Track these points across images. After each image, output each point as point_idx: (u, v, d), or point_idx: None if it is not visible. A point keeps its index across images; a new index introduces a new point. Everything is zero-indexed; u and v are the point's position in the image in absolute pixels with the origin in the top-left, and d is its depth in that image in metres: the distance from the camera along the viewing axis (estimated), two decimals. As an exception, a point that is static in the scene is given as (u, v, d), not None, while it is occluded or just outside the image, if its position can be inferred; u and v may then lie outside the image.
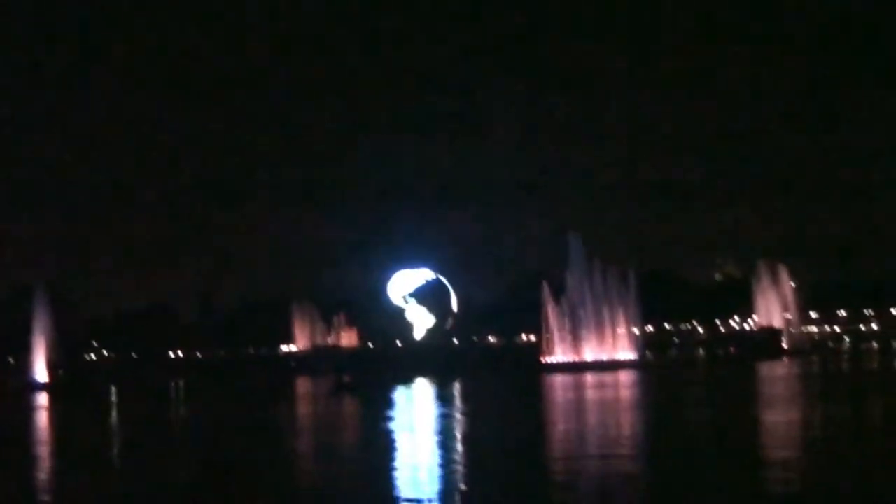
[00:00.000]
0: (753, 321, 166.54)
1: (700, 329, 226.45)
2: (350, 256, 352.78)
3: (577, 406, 58.44)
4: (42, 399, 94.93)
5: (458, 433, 43.95)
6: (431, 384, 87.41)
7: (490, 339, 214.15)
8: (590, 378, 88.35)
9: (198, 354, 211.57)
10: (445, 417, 52.71)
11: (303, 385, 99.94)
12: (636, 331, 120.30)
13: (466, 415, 54.59)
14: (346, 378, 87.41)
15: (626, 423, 45.81)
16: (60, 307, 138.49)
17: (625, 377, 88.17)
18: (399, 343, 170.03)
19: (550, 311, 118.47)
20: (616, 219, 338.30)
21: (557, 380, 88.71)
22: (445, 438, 41.49)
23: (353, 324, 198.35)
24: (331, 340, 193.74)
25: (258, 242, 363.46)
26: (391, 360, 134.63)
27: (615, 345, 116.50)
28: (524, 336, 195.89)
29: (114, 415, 71.14)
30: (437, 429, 45.94)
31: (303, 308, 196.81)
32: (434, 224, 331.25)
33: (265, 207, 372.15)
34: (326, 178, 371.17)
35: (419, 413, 56.78)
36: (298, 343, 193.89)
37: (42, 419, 68.85)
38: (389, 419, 52.46)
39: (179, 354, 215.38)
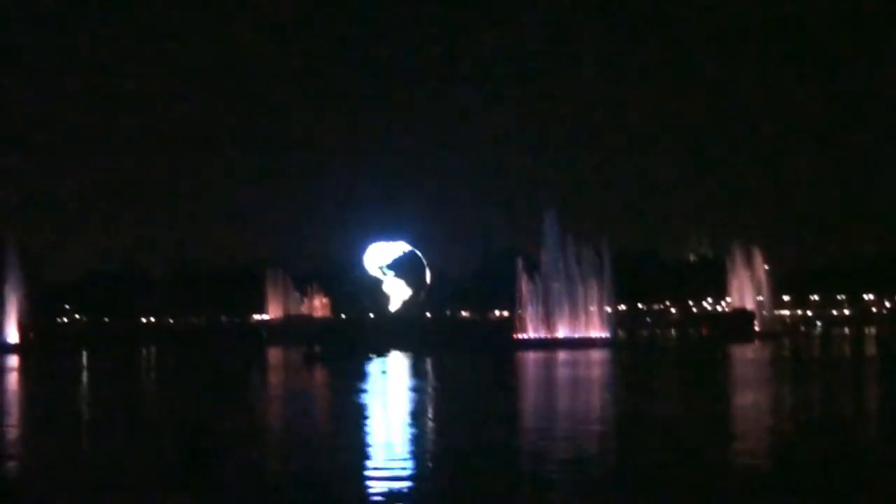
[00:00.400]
0: (726, 303, 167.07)
1: (673, 309, 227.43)
2: (324, 226, 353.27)
3: (548, 383, 58.43)
4: (12, 361, 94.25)
5: (429, 407, 43.82)
6: (404, 357, 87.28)
7: (463, 314, 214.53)
8: (562, 355, 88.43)
9: (170, 320, 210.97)
10: (416, 391, 52.57)
11: (274, 354, 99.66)
12: (609, 309, 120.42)
13: (438, 389, 54.48)
14: (318, 348, 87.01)
15: (594, 401, 45.77)
16: (29, 267, 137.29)
17: (597, 355, 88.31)
18: (372, 315, 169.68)
19: (524, 287, 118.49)
20: (592, 196, 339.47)
21: (530, 356, 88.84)
22: (415, 411, 41.37)
23: (327, 294, 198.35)
24: (304, 310, 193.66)
25: (232, 207, 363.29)
26: (364, 332, 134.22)
27: (588, 323, 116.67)
28: (497, 312, 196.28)
29: (84, 379, 70.67)
30: (408, 401, 45.81)
31: (276, 276, 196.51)
32: (409, 196, 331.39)
33: (239, 169, 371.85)
34: (302, 146, 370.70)
35: (390, 386, 56.55)
36: (271, 312, 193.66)
37: (10, 381, 68.32)
38: (360, 391, 52.30)
39: (151, 319, 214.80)
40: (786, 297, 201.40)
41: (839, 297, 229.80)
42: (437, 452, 29.58)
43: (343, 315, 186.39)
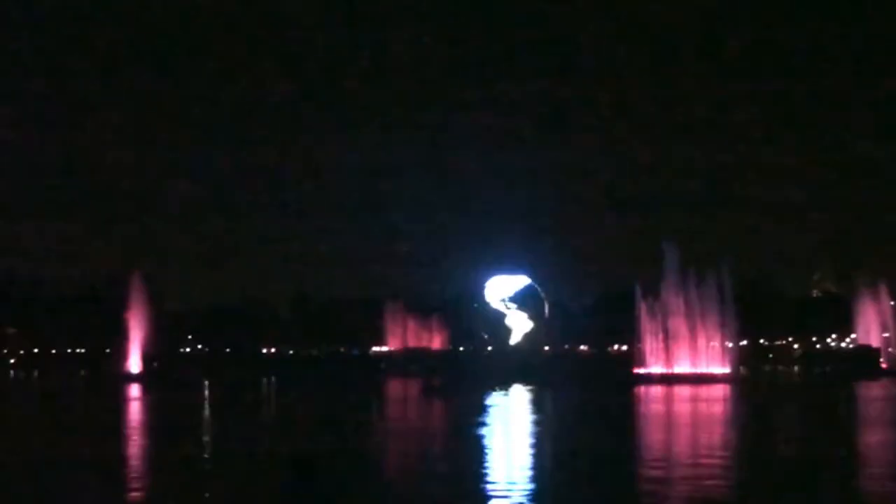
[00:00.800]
0: (851, 339, 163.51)
1: (795, 345, 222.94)
2: (443, 259, 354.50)
3: (668, 420, 57.63)
4: (134, 390, 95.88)
5: (549, 442, 43.51)
6: (522, 391, 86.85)
7: (581, 348, 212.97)
8: (682, 391, 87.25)
9: (290, 351, 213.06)
10: (535, 425, 52.28)
11: (393, 386, 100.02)
12: (730, 344, 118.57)
13: (557, 423, 54.13)
14: (436, 381, 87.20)
15: (716, 442, 44.75)
16: (153, 299, 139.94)
17: (718, 392, 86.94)
18: (490, 348, 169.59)
19: (643, 321, 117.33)
20: (710, 229, 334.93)
21: (649, 391, 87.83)
22: (535, 446, 41.08)
23: (445, 326, 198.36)
24: (422, 342, 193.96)
25: (351, 240, 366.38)
26: (481, 365, 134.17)
27: (708, 358, 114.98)
28: (615, 346, 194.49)
29: (206, 407, 71.72)
30: (526, 436, 45.48)
31: (395, 308, 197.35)
32: (527, 230, 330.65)
33: (360, 209, 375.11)
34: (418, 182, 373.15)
35: (508, 419, 56.32)
36: (390, 343, 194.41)
37: (134, 409, 69.61)
38: (479, 424, 52.12)
39: (272, 350, 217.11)
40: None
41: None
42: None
43: (461, 348, 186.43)
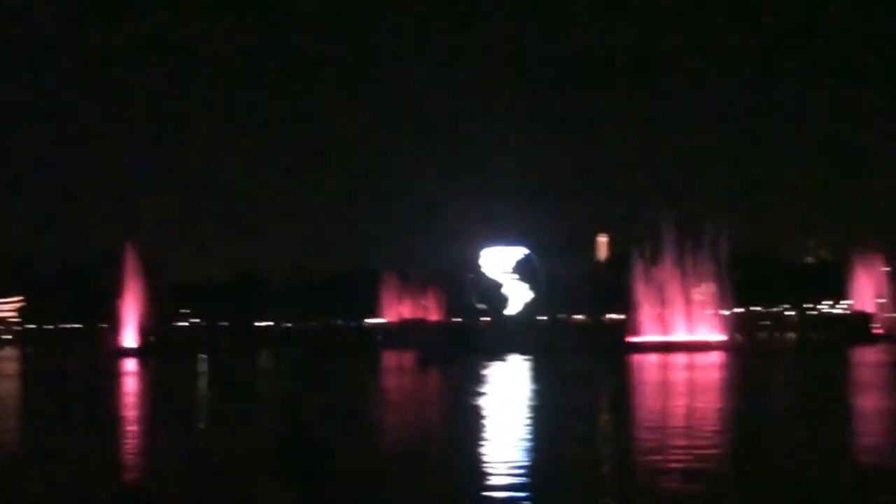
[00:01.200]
0: (845, 306, 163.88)
1: (790, 312, 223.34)
2: (437, 231, 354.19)
3: (665, 389, 57.71)
4: (131, 364, 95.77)
5: (546, 411, 43.60)
6: (517, 361, 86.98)
7: (576, 318, 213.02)
8: (678, 359, 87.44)
9: (286, 324, 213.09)
10: (532, 394, 52.40)
11: (389, 358, 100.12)
12: (726, 312, 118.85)
13: (554, 393, 54.29)
14: (433, 352, 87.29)
15: (711, 409, 44.79)
16: (150, 273, 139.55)
17: (713, 359, 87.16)
18: (485, 318, 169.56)
19: (639, 290, 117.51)
20: (708, 197, 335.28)
21: (645, 360, 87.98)
22: (531, 416, 41.13)
23: (441, 298, 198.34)
24: (419, 314, 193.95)
25: (347, 213, 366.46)
26: (479, 336, 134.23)
27: (704, 325, 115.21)
28: (610, 315, 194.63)
29: (202, 381, 71.82)
30: (522, 406, 45.52)
31: (390, 280, 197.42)
32: (522, 200, 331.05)
33: (353, 178, 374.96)
34: (417, 155, 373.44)
35: (503, 389, 56.41)
36: (386, 315, 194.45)
37: (130, 384, 69.65)
38: (475, 394, 52.19)
39: (268, 324, 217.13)
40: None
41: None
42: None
43: (457, 319, 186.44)
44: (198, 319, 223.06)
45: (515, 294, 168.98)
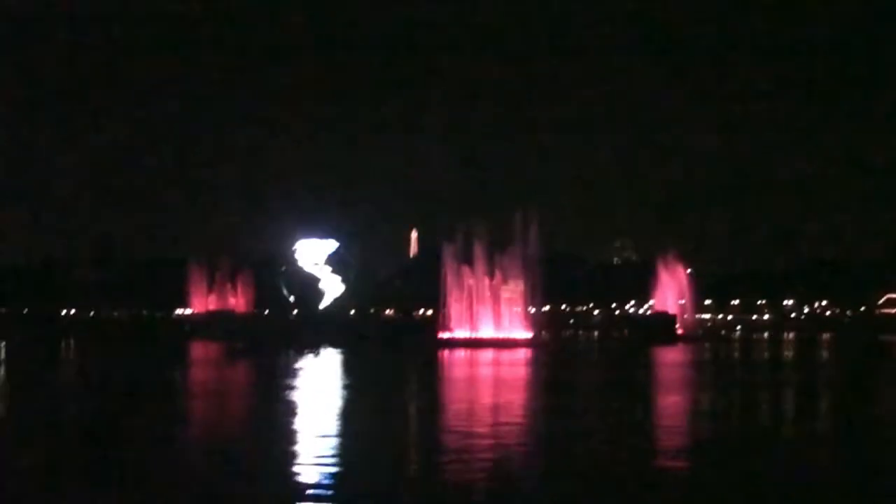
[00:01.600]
0: (649, 306, 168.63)
1: (596, 311, 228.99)
2: (246, 221, 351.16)
3: (470, 383, 58.43)
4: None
5: (346, 404, 43.65)
6: (326, 355, 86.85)
7: (387, 312, 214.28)
8: (485, 355, 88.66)
9: (90, 313, 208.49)
10: (339, 388, 52.43)
11: (197, 349, 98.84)
12: (533, 309, 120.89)
13: (358, 387, 54.43)
14: (240, 344, 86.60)
15: (507, 402, 45.73)
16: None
17: (519, 355, 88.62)
18: (296, 311, 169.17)
19: (448, 287, 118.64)
20: (518, 196, 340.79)
21: (452, 355, 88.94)
22: (333, 408, 41.13)
23: (250, 288, 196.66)
24: (227, 305, 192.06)
25: (157, 201, 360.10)
26: (287, 328, 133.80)
27: (511, 322, 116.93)
28: (421, 311, 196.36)
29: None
30: (325, 398, 45.47)
31: (199, 271, 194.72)
32: (333, 194, 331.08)
33: (164, 163, 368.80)
34: (228, 140, 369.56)
35: (309, 382, 56.26)
36: (194, 306, 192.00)
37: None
38: (278, 387, 51.94)
39: (71, 312, 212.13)
40: (707, 302, 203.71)
41: (759, 303, 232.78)
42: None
43: (266, 311, 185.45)
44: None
45: (329, 288, 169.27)
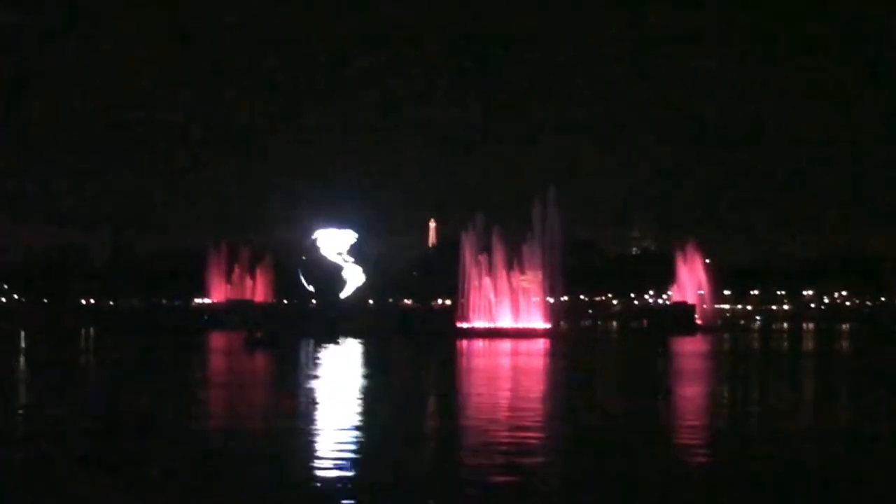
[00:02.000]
0: (667, 296, 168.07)
1: (615, 301, 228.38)
2: (266, 212, 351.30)
3: (488, 373, 58.24)
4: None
5: (368, 394, 43.49)
6: (346, 345, 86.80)
7: (406, 302, 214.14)
8: (503, 345, 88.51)
9: (110, 302, 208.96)
10: (360, 378, 52.30)
11: (215, 339, 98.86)
12: (551, 300, 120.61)
13: (378, 377, 54.32)
14: (259, 334, 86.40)
15: (529, 392, 45.60)
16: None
17: (537, 345, 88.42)
18: (315, 301, 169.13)
19: (466, 277, 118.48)
20: (538, 186, 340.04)
21: (471, 345, 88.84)
22: (353, 397, 41.01)
23: (269, 278, 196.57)
24: (246, 294, 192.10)
25: (177, 190, 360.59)
26: (306, 318, 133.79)
27: (530, 313, 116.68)
28: (439, 300, 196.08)
29: (20, 360, 69.70)
30: (344, 387, 45.34)
31: (218, 259, 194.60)
32: (351, 184, 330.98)
33: (184, 153, 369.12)
34: (247, 130, 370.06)
35: (330, 373, 56.16)
36: (213, 296, 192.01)
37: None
38: (300, 377, 51.86)
39: (91, 301, 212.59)
40: (726, 292, 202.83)
41: (778, 293, 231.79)
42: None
43: (285, 300, 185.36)
44: (17, 296, 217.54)
45: (351, 277, 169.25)
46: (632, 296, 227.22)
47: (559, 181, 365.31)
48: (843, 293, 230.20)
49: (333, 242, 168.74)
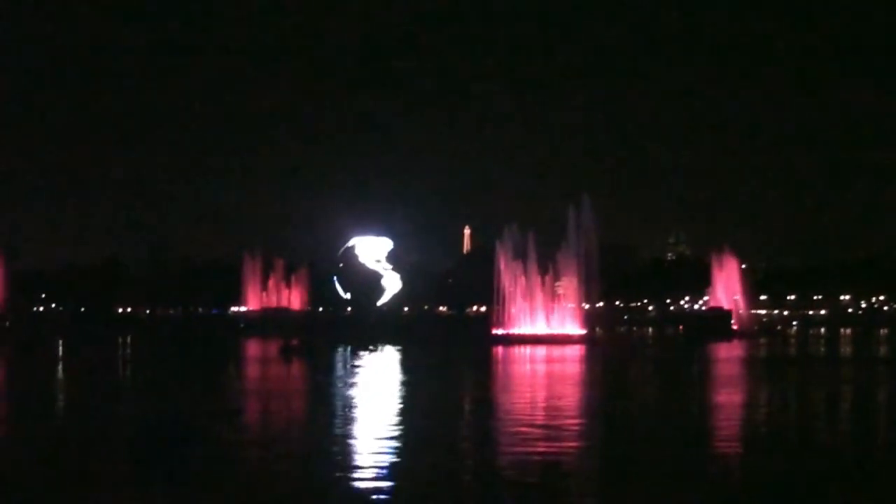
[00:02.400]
0: (703, 302, 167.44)
1: (650, 307, 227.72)
2: (300, 221, 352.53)
3: (524, 380, 58.34)
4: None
5: (406, 402, 43.69)
6: (384, 352, 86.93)
7: (440, 309, 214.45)
8: (539, 351, 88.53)
9: (146, 311, 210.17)
10: (397, 385, 52.50)
11: (251, 347, 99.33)
12: (586, 306, 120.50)
13: (417, 384, 54.52)
14: (295, 341, 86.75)
15: (565, 397, 45.72)
16: (5, 257, 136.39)
17: (573, 352, 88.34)
18: (350, 308, 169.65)
19: (502, 284, 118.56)
20: (571, 192, 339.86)
21: (508, 351, 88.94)
22: (389, 404, 41.17)
23: (305, 286, 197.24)
24: (282, 302, 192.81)
25: (212, 200, 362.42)
26: (343, 326, 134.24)
27: (565, 319, 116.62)
28: (474, 307, 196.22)
29: (59, 368, 70.34)
30: (380, 395, 45.52)
31: (254, 268, 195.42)
32: (384, 194, 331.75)
33: (217, 164, 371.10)
34: (280, 142, 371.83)
35: (368, 381, 56.33)
36: (249, 304, 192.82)
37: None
38: (335, 385, 52.08)
39: (128, 310, 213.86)
40: (763, 297, 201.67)
41: (815, 298, 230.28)
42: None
43: (321, 308, 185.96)
44: (56, 305, 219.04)
45: (390, 285, 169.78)
46: (667, 301, 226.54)
47: (594, 187, 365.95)
48: (881, 297, 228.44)
49: (371, 250, 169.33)
